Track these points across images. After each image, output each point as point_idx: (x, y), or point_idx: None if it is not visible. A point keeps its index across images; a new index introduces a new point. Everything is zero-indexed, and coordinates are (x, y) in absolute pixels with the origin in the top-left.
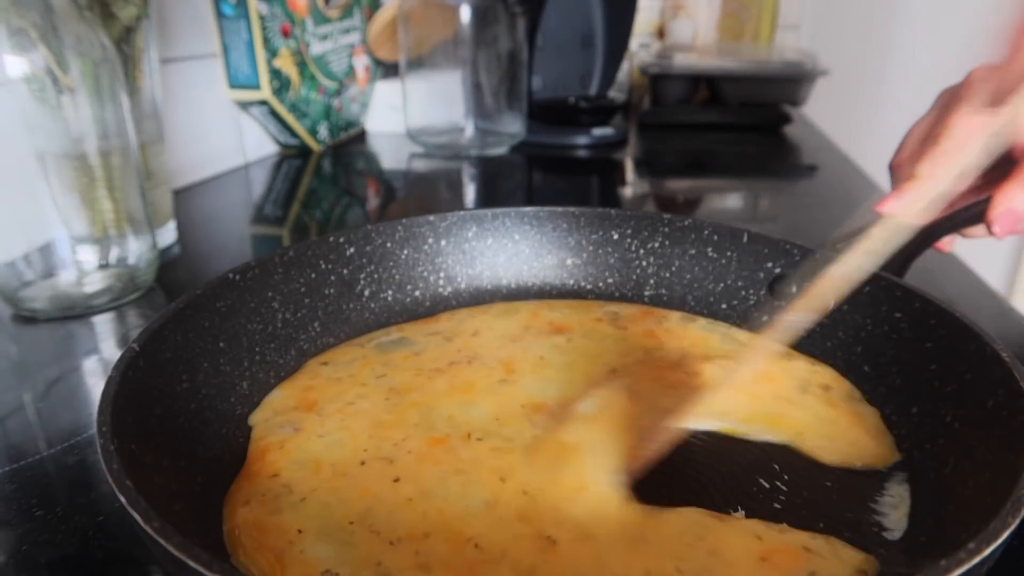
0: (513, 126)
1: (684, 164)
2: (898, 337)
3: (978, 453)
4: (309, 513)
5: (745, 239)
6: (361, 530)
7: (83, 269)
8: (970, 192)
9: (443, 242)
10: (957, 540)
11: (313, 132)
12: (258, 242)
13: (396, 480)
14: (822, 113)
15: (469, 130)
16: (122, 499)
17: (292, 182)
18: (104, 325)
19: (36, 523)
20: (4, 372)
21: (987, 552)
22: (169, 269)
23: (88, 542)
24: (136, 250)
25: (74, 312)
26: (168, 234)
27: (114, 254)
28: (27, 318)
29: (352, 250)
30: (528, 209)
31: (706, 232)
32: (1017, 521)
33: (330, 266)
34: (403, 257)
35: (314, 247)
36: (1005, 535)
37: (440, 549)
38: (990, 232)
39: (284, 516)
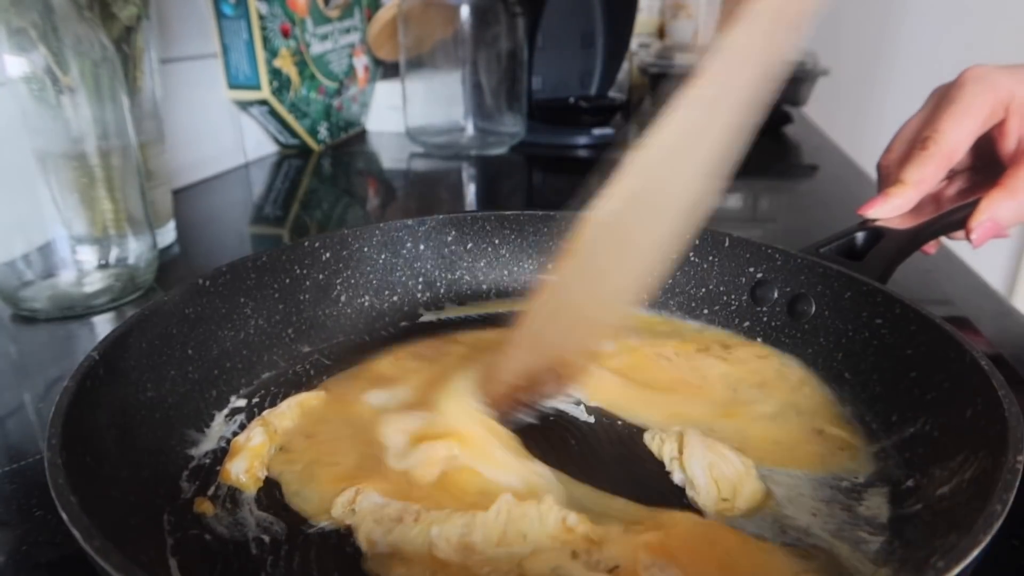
0: (513, 126)
1: None
2: (879, 343)
3: (956, 463)
4: None
5: (727, 243)
6: None
7: (83, 269)
8: (958, 194)
9: (421, 246)
10: (932, 553)
11: (313, 132)
12: (258, 242)
13: None
14: (822, 113)
15: (469, 130)
16: (64, 515)
17: (292, 182)
18: (104, 325)
19: (36, 523)
20: (4, 372)
21: (956, 571)
22: (169, 269)
23: None
24: (136, 250)
25: (74, 312)
26: (168, 234)
27: (114, 254)
28: (27, 318)
29: (328, 255)
30: (508, 213)
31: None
32: (988, 538)
33: (305, 271)
34: (381, 262)
35: (288, 252)
36: (975, 552)
37: None
38: (968, 239)
39: None
